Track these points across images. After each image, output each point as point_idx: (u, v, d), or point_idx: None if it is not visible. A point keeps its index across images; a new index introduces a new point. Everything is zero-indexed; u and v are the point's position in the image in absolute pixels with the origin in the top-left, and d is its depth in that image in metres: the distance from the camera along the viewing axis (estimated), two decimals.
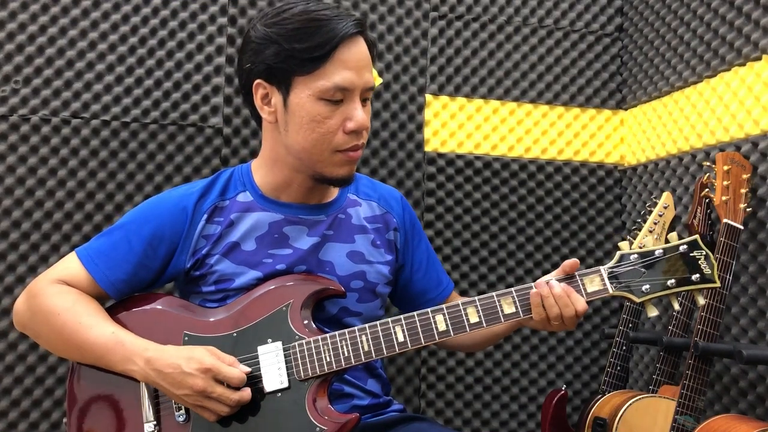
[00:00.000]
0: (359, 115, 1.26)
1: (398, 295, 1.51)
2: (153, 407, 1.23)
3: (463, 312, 1.20)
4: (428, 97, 2.12)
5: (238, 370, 1.18)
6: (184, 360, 1.17)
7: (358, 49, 1.27)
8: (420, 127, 2.11)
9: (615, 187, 2.23)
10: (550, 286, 1.21)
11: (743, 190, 1.61)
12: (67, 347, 1.27)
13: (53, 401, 1.85)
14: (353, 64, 1.25)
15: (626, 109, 2.25)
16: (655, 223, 1.85)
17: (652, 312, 1.17)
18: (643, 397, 1.66)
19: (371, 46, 1.32)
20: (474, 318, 1.20)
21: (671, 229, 1.89)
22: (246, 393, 1.18)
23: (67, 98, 1.90)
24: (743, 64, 1.73)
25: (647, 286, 1.17)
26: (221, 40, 1.99)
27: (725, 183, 1.61)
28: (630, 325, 1.91)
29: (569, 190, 2.19)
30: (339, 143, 1.27)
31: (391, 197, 1.50)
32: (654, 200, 1.90)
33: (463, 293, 2.11)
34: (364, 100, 1.29)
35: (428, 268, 1.50)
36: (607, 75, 2.25)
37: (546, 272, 2.15)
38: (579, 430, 1.78)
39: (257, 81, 1.29)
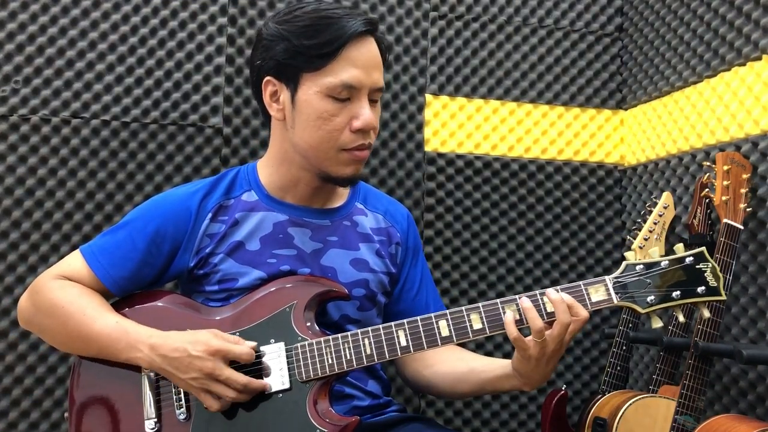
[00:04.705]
0: (366, 113, 1.26)
1: (385, 310, 1.48)
2: (154, 404, 1.23)
3: (466, 318, 1.18)
4: (428, 97, 2.12)
5: (246, 347, 1.19)
6: (190, 344, 1.17)
7: (368, 48, 1.27)
8: (420, 127, 2.11)
9: (615, 187, 2.23)
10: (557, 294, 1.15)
11: (743, 190, 1.61)
12: (71, 340, 1.27)
13: (53, 401, 1.85)
14: (362, 63, 1.25)
15: (626, 109, 2.25)
16: (655, 223, 1.86)
17: (657, 323, 1.15)
18: (643, 397, 1.66)
19: (383, 47, 1.32)
20: (477, 324, 1.18)
21: (671, 229, 1.89)
22: (256, 381, 1.18)
23: (67, 98, 1.90)
24: (743, 64, 1.73)
25: (652, 297, 1.15)
26: (221, 40, 1.99)
27: (725, 183, 1.61)
28: (630, 325, 1.91)
29: (569, 190, 2.19)
30: (345, 141, 1.27)
31: (398, 212, 1.50)
32: (654, 200, 1.90)
33: (463, 293, 2.11)
34: (373, 101, 1.29)
35: (419, 291, 1.49)
36: (607, 75, 2.25)
37: (546, 272, 2.16)
38: (579, 430, 1.78)
39: (267, 78, 1.30)
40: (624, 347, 1.92)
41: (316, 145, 1.27)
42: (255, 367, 1.21)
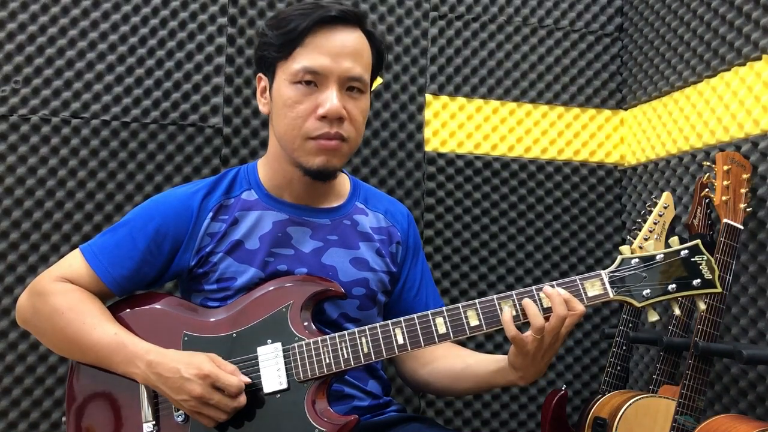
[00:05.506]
0: (331, 100, 1.24)
1: (385, 309, 1.48)
2: (152, 407, 1.23)
3: (463, 315, 1.18)
4: (428, 97, 2.12)
5: (236, 379, 1.17)
6: (184, 365, 1.17)
7: (340, 36, 1.26)
8: (420, 127, 2.11)
9: (615, 187, 2.23)
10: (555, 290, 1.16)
11: (743, 190, 1.61)
12: (69, 346, 1.27)
13: (53, 401, 1.85)
14: (328, 50, 1.25)
15: (626, 109, 2.24)
16: (655, 223, 1.85)
17: (653, 317, 1.16)
18: (643, 397, 1.66)
19: (376, 42, 1.32)
20: (474, 321, 1.18)
21: (671, 228, 1.89)
22: (241, 399, 1.18)
23: (67, 98, 1.90)
24: (743, 64, 1.73)
25: (648, 291, 1.15)
26: (221, 40, 1.99)
27: (725, 183, 1.61)
28: (630, 325, 1.91)
29: (569, 190, 2.19)
30: (309, 129, 1.26)
31: (398, 212, 1.50)
32: (654, 200, 1.90)
33: (463, 293, 2.11)
34: (351, 91, 1.27)
35: (419, 291, 1.48)
36: (607, 75, 2.25)
37: (546, 272, 2.16)
38: (579, 430, 1.78)
39: (258, 75, 1.35)
40: (624, 347, 1.91)
41: (283, 133, 1.28)
42: (252, 370, 1.21)
